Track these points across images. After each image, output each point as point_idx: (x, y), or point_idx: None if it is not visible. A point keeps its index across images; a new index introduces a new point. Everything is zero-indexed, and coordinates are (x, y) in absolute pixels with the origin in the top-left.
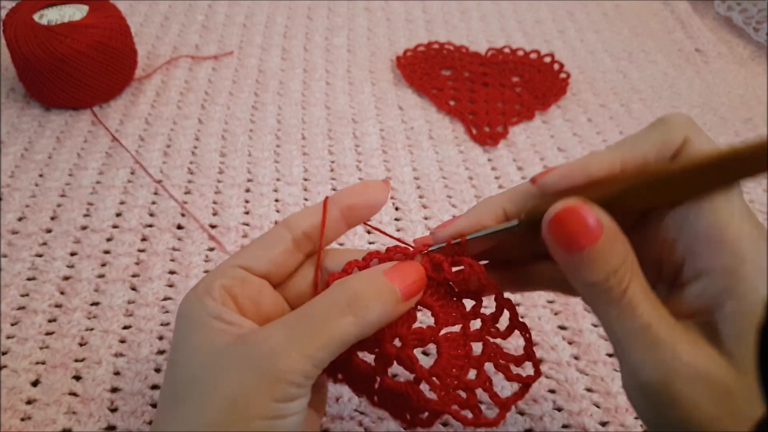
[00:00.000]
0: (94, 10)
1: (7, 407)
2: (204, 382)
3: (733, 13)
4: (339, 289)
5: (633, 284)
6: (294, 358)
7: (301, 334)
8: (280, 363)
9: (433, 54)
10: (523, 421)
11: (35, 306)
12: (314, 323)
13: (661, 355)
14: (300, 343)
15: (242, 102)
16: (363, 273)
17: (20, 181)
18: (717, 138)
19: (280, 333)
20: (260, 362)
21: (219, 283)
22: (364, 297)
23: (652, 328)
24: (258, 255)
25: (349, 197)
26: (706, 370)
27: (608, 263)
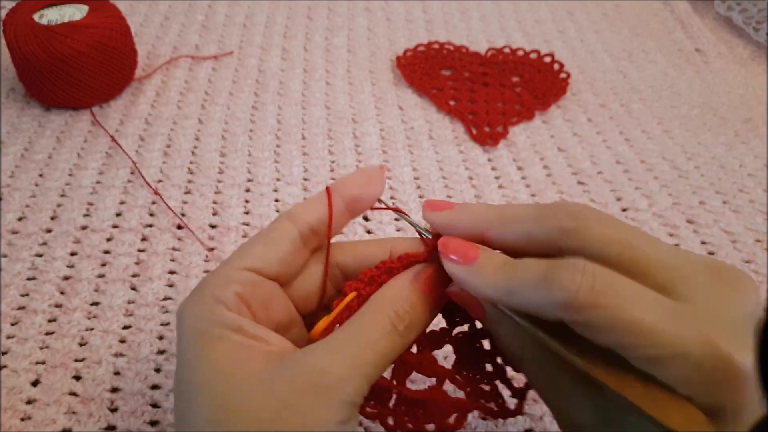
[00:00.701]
0: (94, 10)
1: (7, 407)
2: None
3: (733, 13)
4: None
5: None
6: (357, 382)
7: (358, 359)
8: (346, 388)
9: (433, 54)
10: (523, 421)
11: (35, 306)
12: (368, 348)
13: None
14: (358, 367)
15: (242, 102)
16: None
17: (20, 181)
18: (717, 138)
19: (338, 357)
20: (327, 389)
21: (233, 291)
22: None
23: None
24: (267, 255)
25: (352, 186)
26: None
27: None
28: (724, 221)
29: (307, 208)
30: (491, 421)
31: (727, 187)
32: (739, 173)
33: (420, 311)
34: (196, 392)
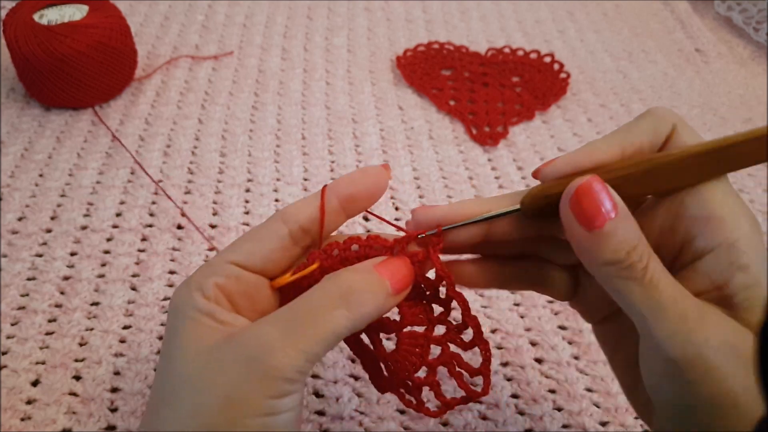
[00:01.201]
0: (94, 10)
1: (7, 407)
2: (196, 381)
3: (733, 13)
4: (331, 282)
5: (652, 261)
6: (288, 354)
7: (294, 329)
8: (273, 359)
9: (433, 54)
10: (523, 421)
11: (35, 306)
12: (308, 318)
13: (690, 327)
14: (294, 339)
15: (242, 102)
16: (355, 267)
17: (20, 181)
18: None
19: (273, 329)
20: (253, 359)
21: (212, 281)
22: (358, 290)
23: (678, 302)
24: (252, 251)
25: (348, 186)
26: (734, 340)
27: (628, 239)
28: None
29: (300, 207)
30: (491, 420)
31: None
32: (739, 173)
33: (375, 291)
34: (165, 363)
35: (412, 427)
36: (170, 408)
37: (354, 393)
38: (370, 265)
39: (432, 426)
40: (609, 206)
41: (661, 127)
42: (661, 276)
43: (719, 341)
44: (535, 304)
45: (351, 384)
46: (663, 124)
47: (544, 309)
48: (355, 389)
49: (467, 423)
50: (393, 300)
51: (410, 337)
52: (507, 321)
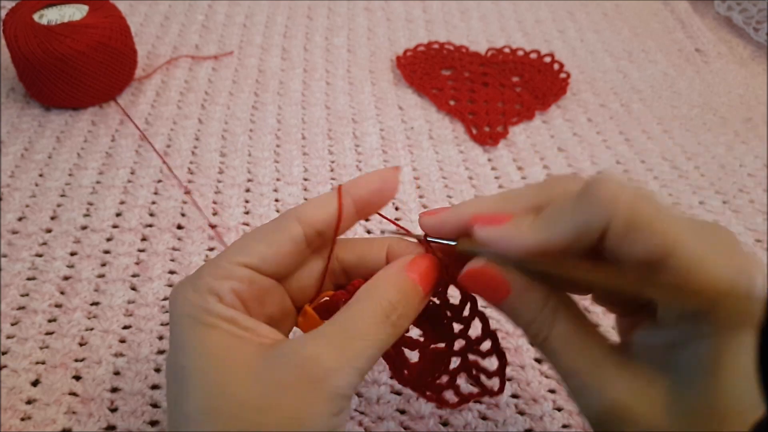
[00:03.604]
0: (94, 10)
1: (7, 407)
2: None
3: (733, 13)
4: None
5: (552, 334)
6: (348, 373)
7: (346, 348)
8: (335, 380)
9: (433, 54)
10: (523, 421)
11: (35, 306)
12: (357, 336)
13: (590, 398)
14: (348, 358)
15: (242, 102)
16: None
17: (20, 181)
18: (717, 138)
19: (327, 348)
20: (317, 380)
21: (229, 286)
22: (400, 306)
23: (578, 373)
24: (266, 255)
25: (363, 189)
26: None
27: (522, 316)
28: (724, 221)
29: (317, 209)
30: (491, 420)
31: (727, 187)
32: (739, 173)
33: (412, 300)
34: (189, 377)
35: (412, 426)
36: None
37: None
38: (403, 270)
39: (432, 426)
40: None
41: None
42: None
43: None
44: None
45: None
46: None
47: None
48: None
49: (467, 423)
50: (425, 301)
51: (433, 353)
52: (507, 321)
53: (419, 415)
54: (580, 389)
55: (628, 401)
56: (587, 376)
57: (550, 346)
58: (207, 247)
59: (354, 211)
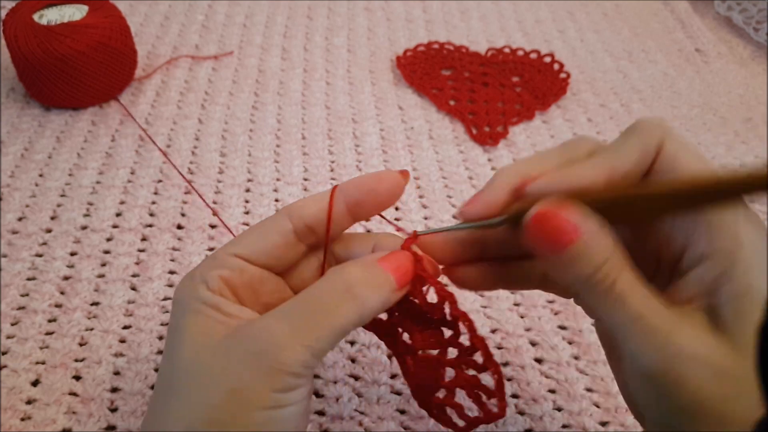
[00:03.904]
0: (94, 10)
1: (7, 407)
2: (203, 374)
3: (733, 13)
4: (337, 276)
5: (621, 278)
6: (295, 350)
7: (301, 324)
8: (280, 355)
9: (433, 54)
10: (522, 421)
11: (35, 306)
12: (314, 313)
13: (657, 342)
14: (301, 334)
15: (242, 102)
16: (359, 261)
17: (20, 181)
18: (717, 138)
19: (280, 323)
20: (260, 353)
21: (216, 274)
22: (363, 284)
23: (645, 317)
24: (256, 245)
25: (357, 191)
26: (704, 352)
27: (591, 260)
28: None
29: (307, 204)
30: None
31: None
32: None
33: (378, 283)
34: (170, 355)
35: (412, 427)
36: (176, 400)
37: (354, 393)
38: (374, 259)
39: (432, 426)
40: (571, 227)
41: (648, 145)
42: (630, 292)
43: (689, 354)
44: (535, 304)
45: (351, 384)
46: (650, 140)
47: (544, 309)
48: (355, 389)
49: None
50: (397, 294)
51: (423, 360)
52: (507, 321)
53: (419, 415)
54: (646, 337)
55: (693, 345)
56: (657, 319)
57: (617, 290)
58: (207, 247)
59: (345, 208)
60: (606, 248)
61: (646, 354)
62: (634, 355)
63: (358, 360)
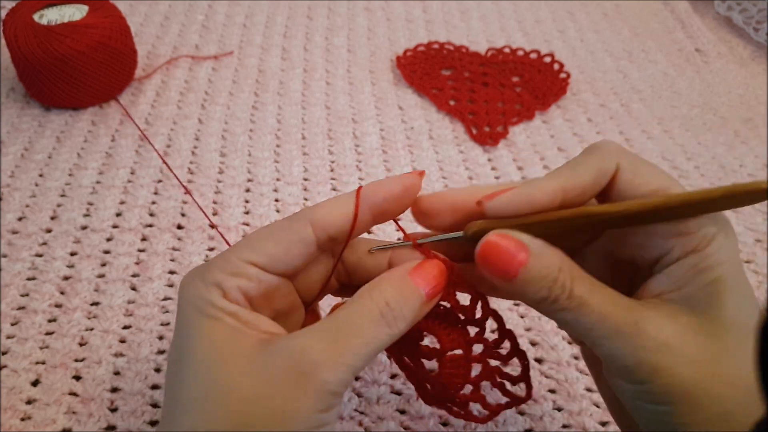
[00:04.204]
0: (94, 10)
1: (7, 407)
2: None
3: (733, 13)
4: (370, 298)
5: (577, 285)
6: (337, 369)
7: (339, 344)
8: (324, 374)
9: (433, 54)
10: (523, 421)
11: (35, 306)
12: (351, 333)
13: (627, 336)
14: (340, 354)
15: (242, 102)
16: (391, 278)
17: (20, 181)
18: (717, 138)
19: (320, 343)
20: (304, 374)
21: (235, 284)
22: (397, 307)
23: (611, 314)
24: (276, 256)
25: (381, 194)
26: (675, 339)
27: (544, 278)
28: None
29: (332, 214)
30: (491, 420)
31: None
32: (739, 173)
33: (411, 302)
34: (188, 364)
35: (412, 426)
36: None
37: (354, 393)
38: (405, 273)
39: (432, 426)
40: (517, 253)
41: (607, 163)
42: (590, 294)
43: (660, 341)
44: None
45: (351, 384)
46: (609, 159)
47: None
48: (355, 389)
49: (467, 423)
50: (428, 306)
51: (451, 361)
52: (507, 321)
53: (419, 415)
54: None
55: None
56: (623, 315)
57: (576, 296)
58: (207, 247)
59: (370, 217)
60: (554, 263)
61: (618, 351)
62: (608, 357)
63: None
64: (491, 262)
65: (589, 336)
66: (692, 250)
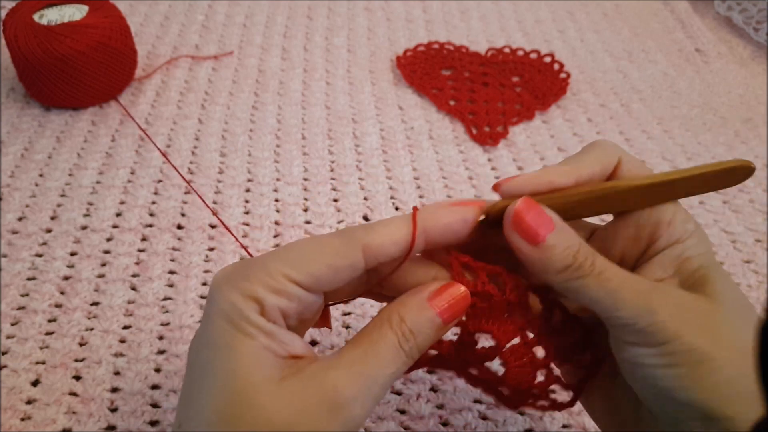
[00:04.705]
0: (94, 10)
1: (7, 407)
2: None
3: (733, 13)
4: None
5: (597, 258)
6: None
7: (369, 379)
8: (355, 410)
9: (433, 54)
10: (522, 420)
11: (35, 306)
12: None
13: (646, 298)
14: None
15: (242, 102)
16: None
17: (20, 181)
18: (717, 138)
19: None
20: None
21: (276, 304)
22: (414, 333)
23: (629, 282)
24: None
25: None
26: (689, 303)
27: (570, 245)
28: (724, 221)
29: (386, 243)
30: (491, 420)
31: None
32: None
33: (428, 331)
34: (215, 376)
35: (411, 426)
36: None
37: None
38: (425, 299)
39: (432, 426)
40: (547, 221)
41: (610, 158)
42: (608, 267)
43: (674, 304)
44: None
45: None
46: (611, 155)
47: None
48: None
49: (467, 423)
50: (444, 330)
51: (512, 353)
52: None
53: (419, 415)
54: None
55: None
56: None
57: (597, 269)
58: (207, 247)
59: (423, 246)
60: (575, 237)
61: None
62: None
63: None
64: (522, 226)
65: (608, 302)
66: (676, 241)
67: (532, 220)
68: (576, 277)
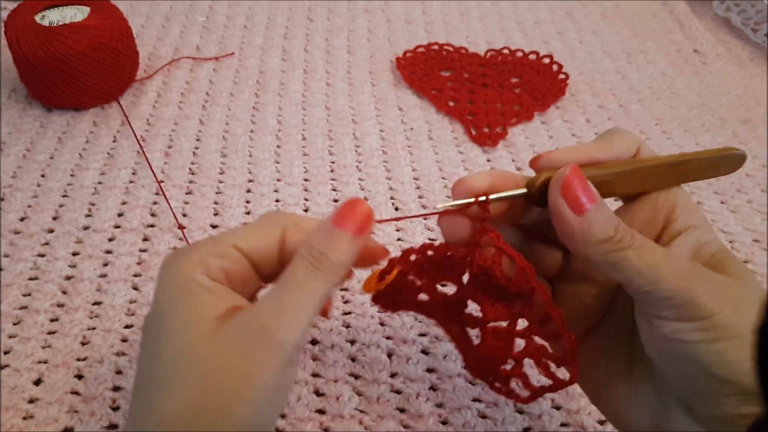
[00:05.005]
0: (96, 11)
1: (9, 406)
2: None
3: (732, 14)
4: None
5: (635, 232)
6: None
7: (287, 302)
8: (278, 332)
9: (433, 55)
10: (521, 419)
11: (37, 305)
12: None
13: (689, 275)
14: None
15: (243, 103)
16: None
17: (22, 182)
18: (716, 139)
19: (271, 304)
20: (260, 331)
21: (220, 265)
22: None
23: (668, 256)
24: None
25: None
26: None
27: (611, 218)
28: (723, 221)
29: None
30: (490, 419)
31: (726, 187)
32: (738, 173)
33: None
34: (162, 337)
35: (412, 425)
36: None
37: (354, 392)
38: (329, 222)
39: (432, 425)
40: (590, 192)
41: (633, 142)
42: (647, 241)
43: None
44: None
45: (351, 383)
46: (634, 139)
47: None
48: (356, 388)
49: (466, 422)
50: (360, 241)
51: (494, 332)
52: None
53: (419, 413)
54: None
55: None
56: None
57: (637, 243)
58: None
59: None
60: (612, 213)
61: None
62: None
63: (358, 359)
64: (570, 194)
65: (649, 276)
66: (692, 226)
67: (579, 188)
68: (617, 249)
